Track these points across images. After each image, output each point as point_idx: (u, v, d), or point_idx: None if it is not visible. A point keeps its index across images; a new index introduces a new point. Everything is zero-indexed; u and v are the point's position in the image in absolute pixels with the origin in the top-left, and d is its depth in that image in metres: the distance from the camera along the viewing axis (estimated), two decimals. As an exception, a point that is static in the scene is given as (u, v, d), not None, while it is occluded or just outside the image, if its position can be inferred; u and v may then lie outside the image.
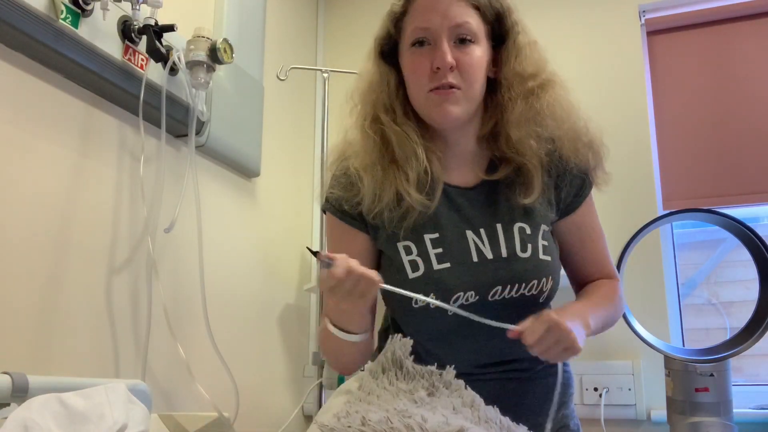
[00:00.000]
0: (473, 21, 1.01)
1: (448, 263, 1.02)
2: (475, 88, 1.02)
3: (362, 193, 1.05)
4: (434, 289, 1.00)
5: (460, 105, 1.01)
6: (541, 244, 1.04)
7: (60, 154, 1.32)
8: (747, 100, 2.13)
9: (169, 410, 1.51)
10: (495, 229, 1.04)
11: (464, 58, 1.00)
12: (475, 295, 1.00)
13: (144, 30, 1.40)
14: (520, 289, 1.01)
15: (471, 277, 1.01)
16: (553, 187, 1.08)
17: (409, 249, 1.03)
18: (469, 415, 0.83)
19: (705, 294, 2.14)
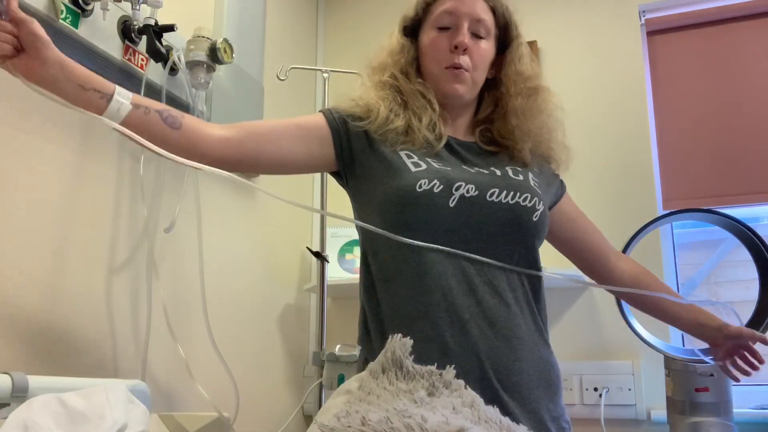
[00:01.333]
0: (489, 20, 1.20)
1: (450, 168, 1.13)
2: (479, 74, 1.20)
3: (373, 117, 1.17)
4: (438, 176, 1.08)
5: (466, 85, 1.19)
6: (533, 179, 1.18)
7: (60, 154, 1.32)
8: (747, 100, 2.13)
9: (169, 410, 1.51)
10: (491, 168, 1.17)
11: (476, 48, 1.18)
12: (474, 189, 1.09)
13: (144, 30, 1.40)
14: (515, 196, 1.11)
15: (472, 177, 1.12)
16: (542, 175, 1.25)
17: (410, 155, 1.14)
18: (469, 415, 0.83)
19: (705, 294, 2.14)
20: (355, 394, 0.89)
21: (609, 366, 2.01)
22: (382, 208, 1.11)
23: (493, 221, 1.09)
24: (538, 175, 1.22)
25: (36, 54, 0.86)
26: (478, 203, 1.09)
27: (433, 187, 1.07)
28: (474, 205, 1.08)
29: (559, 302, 2.13)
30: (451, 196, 1.08)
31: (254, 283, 2.02)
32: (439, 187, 1.07)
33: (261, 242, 2.08)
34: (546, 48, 2.34)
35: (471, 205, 1.08)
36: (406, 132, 1.16)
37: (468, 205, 1.08)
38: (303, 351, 2.30)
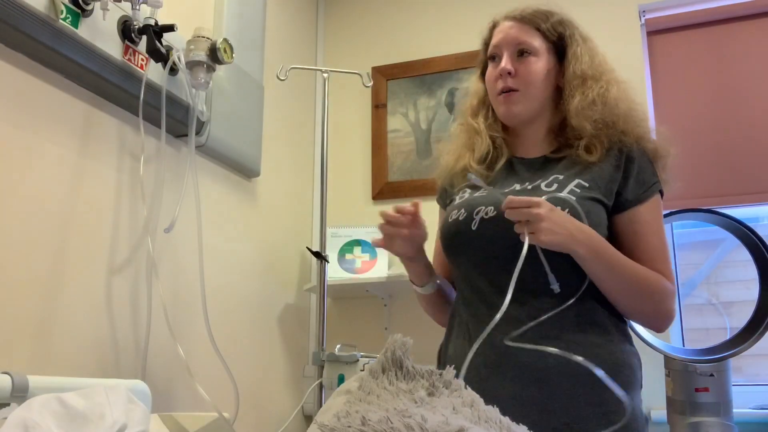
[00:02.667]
0: (532, 39, 1.25)
1: (485, 193, 1.23)
2: (534, 89, 1.24)
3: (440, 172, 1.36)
4: (463, 206, 1.23)
5: (520, 104, 1.24)
6: (570, 187, 1.17)
7: (60, 154, 1.32)
8: (747, 100, 2.13)
9: (169, 410, 1.51)
10: (537, 179, 1.22)
11: (522, 67, 1.24)
12: (493, 210, 1.18)
13: (144, 30, 1.40)
14: None
15: (493, 198, 1.20)
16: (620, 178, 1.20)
17: (466, 191, 1.28)
18: (469, 414, 0.82)
19: (705, 294, 2.14)
20: (355, 394, 0.89)
21: (609, 366, 2.01)
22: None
23: (513, 236, 1.10)
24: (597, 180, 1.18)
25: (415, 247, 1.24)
26: (496, 222, 1.16)
27: (459, 216, 1.22)
28: (493, 225, 1.17)
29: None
30: (473, 220, 1.20)
31: (254, 283, 2.02)
32: (464, 215, 1.21)
33: (261, 242, 2.08)
34: (546, 48, 2.34)
35: (491, 225, 1.17)
36: (465, 171, 1.29)
37: (489, 225, 1.18)
38: (303, 351, 2.30)
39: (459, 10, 2.48)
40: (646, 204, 1.20)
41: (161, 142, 1.56)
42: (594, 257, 1.09)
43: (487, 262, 1.19)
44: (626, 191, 1.19)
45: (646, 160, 1.23)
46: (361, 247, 2.25)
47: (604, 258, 1.10)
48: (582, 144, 1.21)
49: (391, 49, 2.52)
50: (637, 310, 1.16)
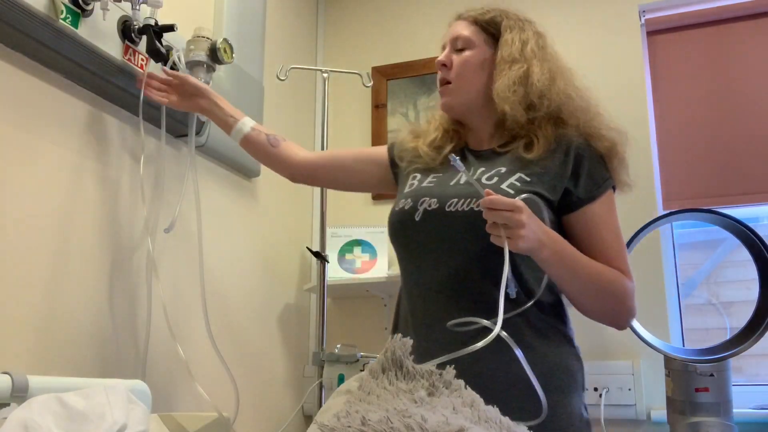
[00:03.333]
0: (468, 32, 1.28)
1: (432, 184, 1.24)
2: (464, 81, 1.26)
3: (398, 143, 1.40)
4: (410, 195, 1.24)
5: (451, 95, 1.27)
6: (511, 181, 1.16)
7: (60, 154, 1.32)
8: (747, 100, 2.13)
9: (169, 410, 1.51)
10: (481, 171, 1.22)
11: (456, 59, 1.27)
12: (436, 203, 1.19)
13: (144, 30, 1.40)
14: (470, 203, 1.14)
15: (439, 189, 1.21)
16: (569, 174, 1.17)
17: (416, 177, 1.29)
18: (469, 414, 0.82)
19: (705, 294, 2.14)
20: (355, 394, 0.89)
21: (609, 366, 2.01)
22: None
23: (453, 230, 1.15)
24: (541, 175, 1.17)
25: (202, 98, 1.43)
26: (438, 214, 1.18)
27: (405, 206, 1.23)
28: (435, 217, 1.18)
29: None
30: (417, 211, 1.20)
31: (254, 283, 2.02)
32: (409, 205, 1.22)
33: (261, 242, 2.08)
34: (546, 48, 2.34)
35: (433, 217, 1.18)
36: (417, 154, 1.32)
37: (430, 217, 1.19)
38: (303, 351, 2.30)
39: (459, 10, 2.48)
40: (599, 201, 1.18)
41: (161, 142, 1.56)
42: (558, 260, 1.08)
43: (425, 255, 1.19)
44: (578, 190, 1.17)
45: (597, 158, 1.20)
46: (361, 247, 2.25)
47: (567, 260, 1.09)
48: (522, 141, 1.21)
49: (391, 49, 2.52)
50: (599, 309, 1.16)
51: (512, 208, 1.00)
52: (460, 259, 1.15)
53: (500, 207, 1.00)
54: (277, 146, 1.44)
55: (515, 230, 1.00)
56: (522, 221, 1.00)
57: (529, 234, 1.01)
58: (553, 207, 1.16)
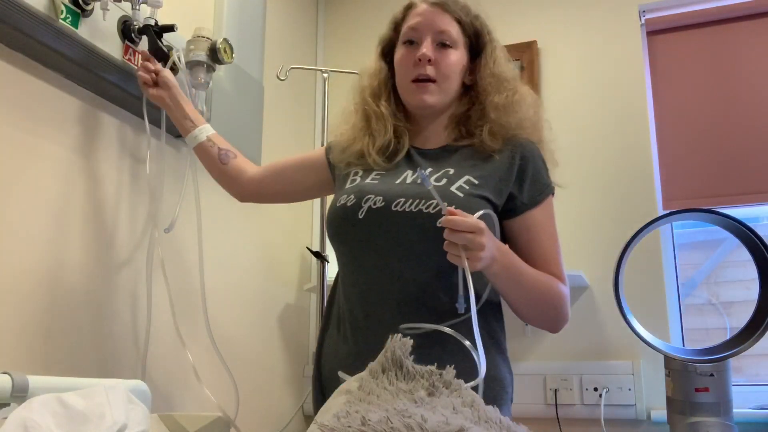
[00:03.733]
0: (454, 31, 1.22)
1: (377, 181, 1.20)
2: (449, 83, 1.22)
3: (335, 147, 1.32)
4: (353, 192, 1.19)
5: (435, 95, 1.21)
6: (459, 183, 1.15)
7: (60, 154, 1.32)
8: (747, 99, 2.13)
9: (169, 410, 1.51)
10: (430, 171, 1.19)
11: (443, 58, 1.20)
12: (382, 201, 1.15)
13: (144, 30, 1.40)
14: (419, 204, 1.12)
15: (385, 188, 1.17)
16: (514, 179, 1.18)
17: (357, 173, 1.25)
18: (469, 414, 0.82)
19: (705, 294, 2.14)
20: (355, 394, 0.89)
21: (609, 366, 2.01)
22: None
23: (399, 230, 1.12)
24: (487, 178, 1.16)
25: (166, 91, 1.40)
26: (384, 213, 1.14)
27: (347, 202, 1.18)
28: (380, 216, 1.14)
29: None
30: (361, 209, 1.16)
31: (254, 283, 2.02)
32: (352, 201, 1.17)
33: (261, 242, 2.08)
34: (546, 48, 2.34)
35: (378, 215, 1.14)
36: (362, 155, 1.25)
37: (375, 215, 1.15)
38: (303, 351, 2.30)
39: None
40: (540, 207, 1.19)
41: (161, 142, 1.56)
42: (506, 274, 1.08)
43: (368, 255, 1.16)
44: (522, 195, 1.17)
45: (541, 163, 1.21)
46: (361, 247, 2.25)
47: (513, 273, 1.10)
48: (486, 129, 1.19)
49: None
50: (538, 317, 1.17)
51: (474, 230, 0.98)
52: (406, 259, 1.12)
53: (462, 228, 0.98)
54: (227, 163, 1.39)
55: (475, 252, 0.99)
56: (483, 244, 0.99)
57: (487, 254, 1.00)
58: (497, 210, 1.16)
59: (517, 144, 1.19)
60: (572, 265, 2.11)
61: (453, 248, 0.99)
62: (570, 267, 2.11)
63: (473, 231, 0.98)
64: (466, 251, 0.98)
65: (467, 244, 0.98)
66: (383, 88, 1.29)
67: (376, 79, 1.30)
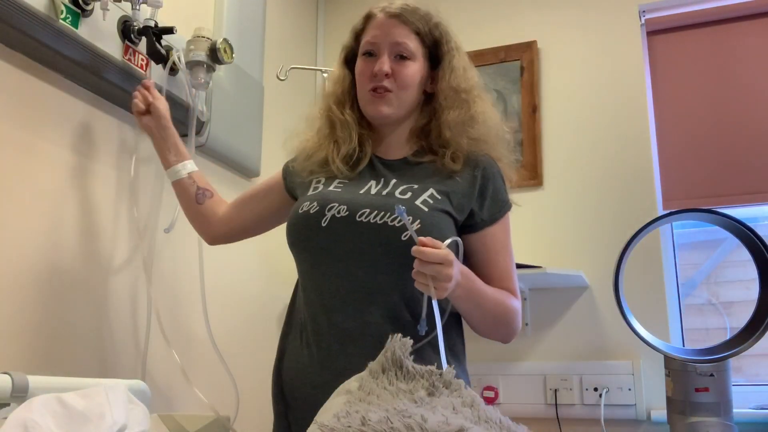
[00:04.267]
0: (411, 43, 1.22)
1: (340, 189, 1.20)
2: (407, 94, 1.22)
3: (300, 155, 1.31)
4: (316, 199, 1.19)
5: (391, 106, 1.22)
6: (424, 197, 1.16)
7: (60, 154, 1.32)
8: (747, 100, 2.13)
9: (168, 410, 1.51)
10: (390, 180, 1.20)
11: (400, 70, 1.21)
12: (346, 210, 1.15)
13: (144, 31, 1.40)
14: (384, 216, 1.12)
15: (349, 197, 1.17)
16: (476, 195, 1.19)
17: (320, 181, 1.25)
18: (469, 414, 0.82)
19: (705, 294, 2.14)
20: (355, 394, 0.89)
21: (609, 366, 2.01)
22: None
23: (363, 241, 1.13)
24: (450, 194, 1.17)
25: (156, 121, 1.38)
26: (348, 223, 1.14)
27: (310, 209, 1.17)
28: (344, 225, 1.14)
29: (559, 302, 2.13)
30: (324, 216, 1.15)
31: (254, 283, 2.02)
32: (315, 209, 1.17)
33: (261, 242, 2.08)
34: (546, 48, 2.34)
35: (341, 224, 1.14)
36: (326, 162, 1.25)
37: (339, 224, 1.14)
38: (303, 351, 2.30)
39: (456, 11, 2.48)
40: (499, 223, 1.22)
41: (161, 142, 1.56)
42: (467, 296, 1.11)
43: (330, 263, 1.15)
44: (482, 211, 1.19)
45: (501, 180, 1.23)
46: (361, 247, 2.25)
47: (474, 295, 1.12)
48: (449, 153, 1.20)
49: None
50: (492, 332, 1.20)
51: (443, 262, 0.99)
52: (370, 270, 1.13)
53: (432, 260, 0.98)
54: (202, 203, 1.37)
55: (442, 282, 1.00)
56: (450, 275, 1.00)
57: (452, 284, 1.02)
58: (457, 225, 1.17)
59: (479, 161, 1.21)
60: (572, 265, 2.11)
61: (421, 277, 1.00)
62: (570, 267, 2.11)
63: (442, 263, 0.99)
64: (434, 281, 0.99)
65: (436, 276, 0.99)
66: (347, 95, 1.29)
67: (341, 87, 1.30)
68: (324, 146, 1.26)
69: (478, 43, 2.37)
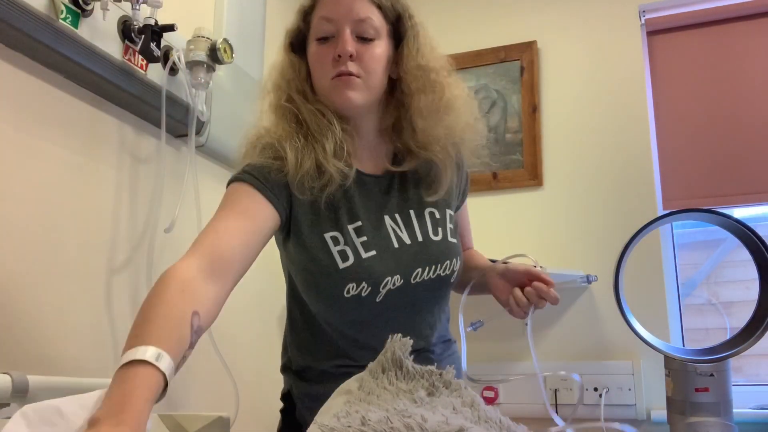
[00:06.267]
0: (375, 18, 1.07)
1: (373, 251, 1.07)
2: (375, 79, 1.07)
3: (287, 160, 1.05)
4: (366, 277, 1.05)
5: (360, 92, 1.05)
6: (449, 227, 1.15)
7: (60, 154, 1.32)
8: (747, 99, 2.13)
9: (169, 410, 1.51)
10: (409, 214, 1.12)
11: (365, 51, 1.05)
12: (400, 279, 1.08)
13: (144, 30, 1.40)
14: (436, 270, 1.10)
15: (395, 263, 1.07)
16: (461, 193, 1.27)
17: (336, 239, 1.07)
18: (469, 415, 0.82)
19: (705, 294, 2.14)
20: (355, 394, 0.89)
21: (609, 366, 2.01)
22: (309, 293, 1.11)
23: (416, 298, 1.12)
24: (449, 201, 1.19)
25: None
26: (403, 290, 1.09)
27: (361, 291, 1.06)
28: (400, 294, 1.10)
29: (559, 302, 2.13)
30: (378, 294, 1.07)
31: (254, 283, 2.02)
32: (367, 290, 1.06)
33: (261, 242, 2.08)
34: (545, 48, 2.34)
35: (397, 292, 1.09)
36: (319, 172, 1.05)
37: (394, 293, 1.09)
38: (303, 351, 2.30)
39: (456, 10, 2.48)
40: (464, 206, 1.32)
41: (161, 142, 1.56)
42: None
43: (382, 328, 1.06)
44: (459, 200, 1.27)
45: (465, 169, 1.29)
46: (361, 247, 2.25)
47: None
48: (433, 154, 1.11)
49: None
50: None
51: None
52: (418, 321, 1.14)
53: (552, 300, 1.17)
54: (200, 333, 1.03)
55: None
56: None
57: None
58: None
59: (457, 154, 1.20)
60: (572, 265, 2.11)
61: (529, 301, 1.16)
62: (570, 267, 2.11)
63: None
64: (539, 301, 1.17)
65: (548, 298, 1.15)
66: (306, 85, 1.11)
67: (296, 77, 1.12)
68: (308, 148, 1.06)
69: (478, 43, 2.37)
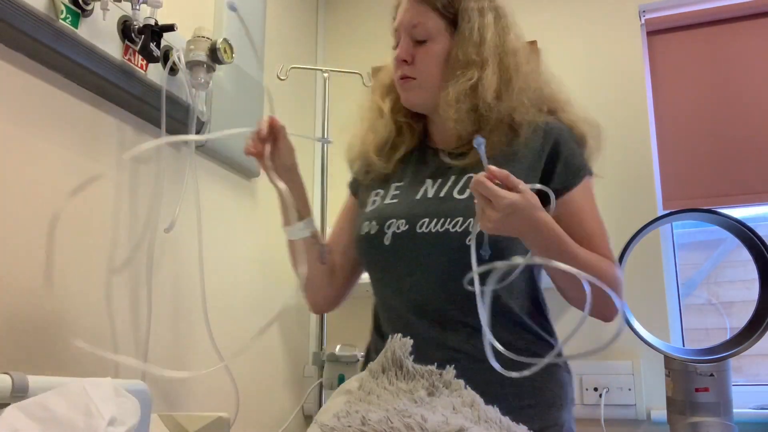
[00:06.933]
0: (428, 21, 1.15)
1: (396, 200, 1.16)
2: (430, 76, 1.16)
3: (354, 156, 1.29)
4: (375, 216, 1.16)
5: (416, 92, 1.18)
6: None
7: (59, 154, 1.32)
8: (747, 100, 2.13)
9: (169, 410, 1.51)
10: (448, 177, 1.14)
11: (419, 55, 1.16)
12: (405, 224, 1.11)
13: (144, 30, 1.40)
14: (445, 223, 1.08)
15: (406, 209, 1.13)
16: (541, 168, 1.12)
17: (378, 194, 1.21)
18: (469, 414, 0.82)
19: (705, 294, 2.14)
20: (355, 394, 0.89)
21: (609, 366, 2.01)
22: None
23: (425, 253, 1.09)
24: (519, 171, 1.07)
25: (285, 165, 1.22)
26: (409, 237, 1.11)
27: (370, 230, 1.15)
28: (406, 240, 1.11)
29: (560, 302, 2.13)
30: (385, 235, 1.13)
31: (254, 283, 2.02)
32: (375, 229, 1.14)
33: (261, 242, 2.08)
34: (546, 48, 2.33)
35: (404, 240, 1.11)
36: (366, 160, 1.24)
37: (401, 240, 1.11)
38: (303, 351, 2.30)
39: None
40: (577, 189, 1.14)
41: (161, 142, 1.56)
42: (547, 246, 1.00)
43: (402, 279, 1.12)
44: (553, 180, 1.11)
45: (575, 144, 1.17)
46: (361, 247, 2.25)
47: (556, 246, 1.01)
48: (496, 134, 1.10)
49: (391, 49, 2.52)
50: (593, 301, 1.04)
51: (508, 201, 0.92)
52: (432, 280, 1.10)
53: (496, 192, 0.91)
54: (326, 263, 1.25)
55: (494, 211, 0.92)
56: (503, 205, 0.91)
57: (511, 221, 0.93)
58: None
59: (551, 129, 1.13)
60: (572, 265, 2.11)
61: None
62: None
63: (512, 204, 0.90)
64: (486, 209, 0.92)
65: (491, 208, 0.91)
66: (393, 84, 1.25)
67: (388, 76, 1.28)
68: (365, 140, 1.26)
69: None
